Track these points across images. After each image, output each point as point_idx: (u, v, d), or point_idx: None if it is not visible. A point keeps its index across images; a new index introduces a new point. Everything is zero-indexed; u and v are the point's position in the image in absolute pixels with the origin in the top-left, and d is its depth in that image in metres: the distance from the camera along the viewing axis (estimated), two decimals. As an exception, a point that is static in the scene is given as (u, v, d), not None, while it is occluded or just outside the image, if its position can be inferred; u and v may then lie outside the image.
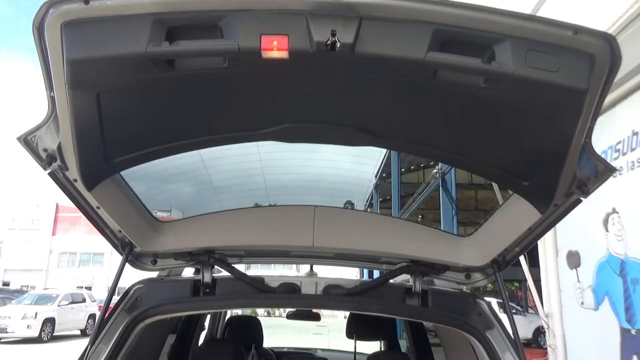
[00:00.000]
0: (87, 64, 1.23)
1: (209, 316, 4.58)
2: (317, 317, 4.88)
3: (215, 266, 2.17)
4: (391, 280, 2.22)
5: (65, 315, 18.09)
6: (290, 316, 4.74)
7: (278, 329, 14.11)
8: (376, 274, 2.26)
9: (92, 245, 41.14)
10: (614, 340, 5.99)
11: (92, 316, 18.99)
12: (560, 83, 1.20)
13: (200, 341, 3.61)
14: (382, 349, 3.55)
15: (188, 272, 2.46)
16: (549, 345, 7.50)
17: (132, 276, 2.17)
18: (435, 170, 11.95)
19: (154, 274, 2.27)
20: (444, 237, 2.18)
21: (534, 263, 8.10)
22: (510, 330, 1.96)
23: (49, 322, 17.24)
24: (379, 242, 2.11)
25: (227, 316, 4.68)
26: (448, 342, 2.76)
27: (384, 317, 3.81)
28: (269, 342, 4.99)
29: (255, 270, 2.71)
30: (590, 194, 1.61)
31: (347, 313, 3.87)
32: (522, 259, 8.21)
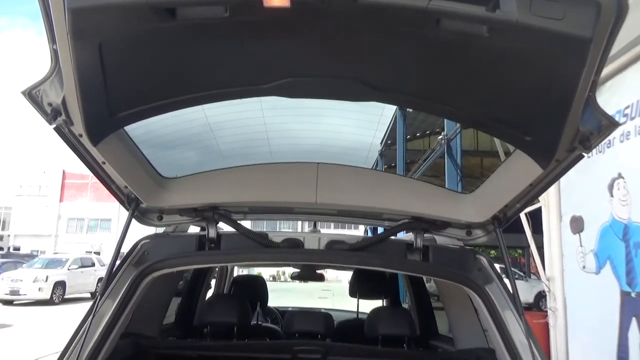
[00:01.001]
0: (88, 13, 1.23)
1: (214, 278, 4.69)
2: (321, 278, 4.98)
3: (220, 222, 2.20)
4: (393, 237, 2.25)
5: (75, 278, 18.51)
6: (294, 277, 4.84)
7: (283, 293, 14.41)
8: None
9: (100, 212, 41.69)
10: (614, 303, 6.09)
11: (101, 280, 19.37)
12: (564, 32, 1.18)
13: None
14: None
15: (194, 230, 2.50)
16: (549, 308, 7.63)
17: (137, 237, 2.22)
18: (440, 137, 11.87)
19: (160, 230, 2.32)
20: (445, 194, 2.20)
21: (537, 230, 8.16)
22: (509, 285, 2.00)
23: (60, 285, 17.66)
24: (381, 199, 2.13)
25: (233, 275, 4.79)
26: (448, 299, 2.81)
27: (387, 277, 3.88)
28: (274, 304, 5.12)
29: (261, 230, 2.75)
30: (593, 149, 1.61)
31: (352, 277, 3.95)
32: (525, 225, 8.26)
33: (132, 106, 1.67)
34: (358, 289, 3.72)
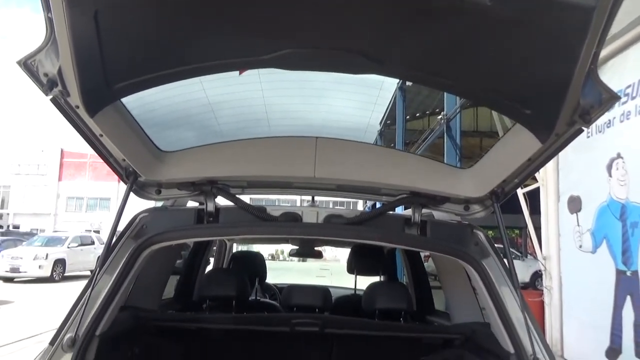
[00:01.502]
0: None
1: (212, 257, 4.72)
2: (319, 255, 5.03)
3: (219, 196, 2.20)
4: (391, 212, 2.25)
5: (75, 256, 18.59)
6: (292, 254, 4.88)
7: (282, 272, 14.52)
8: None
9: (99, 191, 41.76)
10: (609, 281, 6.15)
11: (101, 257, 19.40)
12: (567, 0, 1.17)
13: None
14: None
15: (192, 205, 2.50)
16: (545, 287, 7.71)
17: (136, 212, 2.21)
18: (440, 117, 11.83)
19: (158, 204, 2.32)
20: (444, 169, 2.20)
21: (535, 210, 8.21)
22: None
23: (60, 263, 17.75)
24: (380, 174, 2.12)
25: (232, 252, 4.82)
26: (446, 275, 2.83)
27: (384, 253, 3.91)
28: (272, 282, 5.17)
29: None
30: (592, 123, 1.61)
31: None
32: (523, 205, 8.30)
33: (129, 77, 1.66)
34: (356, 265, 3.75)
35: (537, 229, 8.29)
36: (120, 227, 2.10)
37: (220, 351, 2.76)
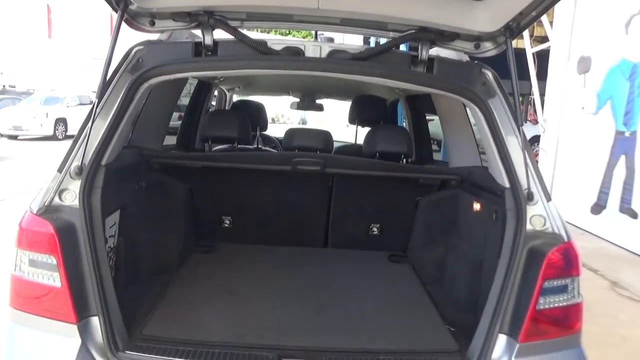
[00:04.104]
0: None
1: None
2: (320, 108, 5.02)
3: (217, 29, 2.07)
4: (398, 50, 2.14)
5: (75, 115, 18.56)
6: (293, 106, 4.85)
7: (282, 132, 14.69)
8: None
9: (92, 51, 40.35)
10: (606, 142, 6.23)
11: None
12: None
13: None
14: None
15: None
16: (541, 148, 7.83)
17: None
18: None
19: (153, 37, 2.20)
20: (457, 1, 2.03)
21: (542, 76, 8.00)
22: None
23: (61, 122, 17.80)
24: (387, 6, 1.97)
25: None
26: (448, 120, 2.81)
27: (386, 104, 3.87)
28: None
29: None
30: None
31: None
32: (531, 66, 8.04)
33: None
34: (357, 115, 3.72)
35: (542, 95, 8.15)
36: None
37: (223, 188, 2.85)
